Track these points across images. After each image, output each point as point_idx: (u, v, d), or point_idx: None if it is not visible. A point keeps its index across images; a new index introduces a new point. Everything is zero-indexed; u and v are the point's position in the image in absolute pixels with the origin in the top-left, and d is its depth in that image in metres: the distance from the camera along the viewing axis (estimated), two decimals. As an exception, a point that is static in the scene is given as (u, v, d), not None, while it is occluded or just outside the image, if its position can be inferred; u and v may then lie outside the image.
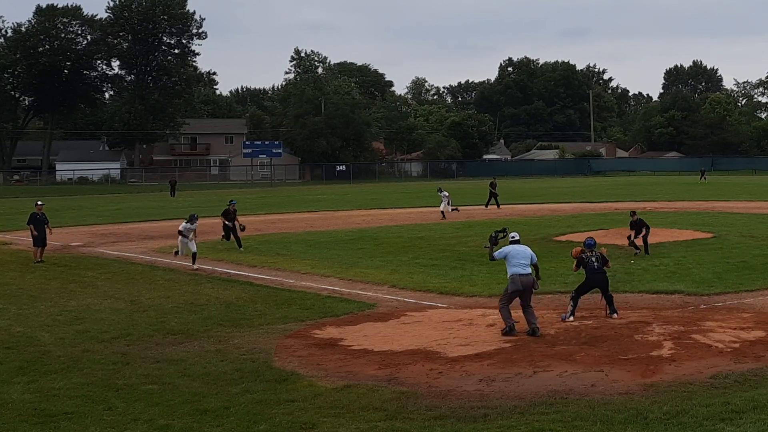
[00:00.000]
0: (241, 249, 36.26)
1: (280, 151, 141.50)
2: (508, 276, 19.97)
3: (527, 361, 16.90)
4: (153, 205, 79.24)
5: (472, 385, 15.32)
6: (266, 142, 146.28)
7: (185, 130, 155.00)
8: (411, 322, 21.70)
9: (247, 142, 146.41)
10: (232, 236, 38.09)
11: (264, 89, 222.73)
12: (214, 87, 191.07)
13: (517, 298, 19.88)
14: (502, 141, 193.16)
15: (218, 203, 62.38)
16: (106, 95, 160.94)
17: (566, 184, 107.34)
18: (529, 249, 20.50)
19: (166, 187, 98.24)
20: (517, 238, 20.89)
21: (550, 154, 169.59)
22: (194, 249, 32.21)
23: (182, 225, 32.15)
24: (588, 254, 21.76)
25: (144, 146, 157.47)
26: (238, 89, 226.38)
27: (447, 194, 55.51)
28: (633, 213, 34.26)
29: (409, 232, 44.81)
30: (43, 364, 17.42)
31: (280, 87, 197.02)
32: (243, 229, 38.23)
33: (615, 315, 21.44)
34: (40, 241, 35.09)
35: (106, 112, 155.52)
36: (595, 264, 21.59)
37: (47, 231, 35.47)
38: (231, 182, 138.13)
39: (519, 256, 20.25)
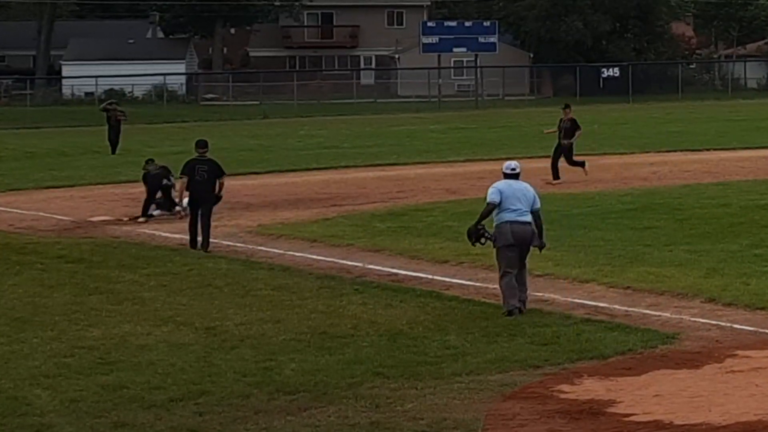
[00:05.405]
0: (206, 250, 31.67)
1: (494, 40, 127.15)
2: (494, 225, 22.12)
3: None
4: (248, 143, 72.47)
5: None
6: (467, 24, 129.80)
7: (311, 0, 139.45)
8: (746, 369, 19.14)
9: (430, 24, 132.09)
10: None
11: None
12: None
13: None
14: None
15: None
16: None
17: None
18: (530, 187, 22.59)
19: (275, 109, 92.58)
20: (517, 170, 22.28)
21: None
22: None
23: None
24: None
25: (232, 32, 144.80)
26: None
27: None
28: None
29: (743, 197, 39.81)
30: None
31: None
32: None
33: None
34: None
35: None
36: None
37: None
38: (398, 101, 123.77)
39: (515, 197, 21.70)
